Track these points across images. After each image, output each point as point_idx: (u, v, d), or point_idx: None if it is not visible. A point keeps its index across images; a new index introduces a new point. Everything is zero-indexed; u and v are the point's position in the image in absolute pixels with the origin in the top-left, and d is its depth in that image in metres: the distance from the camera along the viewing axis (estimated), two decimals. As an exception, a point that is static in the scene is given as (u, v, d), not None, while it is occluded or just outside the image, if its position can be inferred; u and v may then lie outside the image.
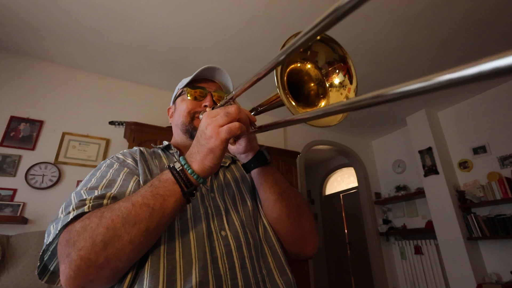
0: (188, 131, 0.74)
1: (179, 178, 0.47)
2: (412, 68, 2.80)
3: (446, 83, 0.18)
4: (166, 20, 2.16)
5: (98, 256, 0.42)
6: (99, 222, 0.44)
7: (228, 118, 0.47)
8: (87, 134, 2.58)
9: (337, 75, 0.51)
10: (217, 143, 0.47)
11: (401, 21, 2.20)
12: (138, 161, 0.65)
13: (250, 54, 2.56)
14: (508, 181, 2.86)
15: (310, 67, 0.52)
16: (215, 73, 0.79)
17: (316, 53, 0.51)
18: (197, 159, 0.48)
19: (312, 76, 0.53)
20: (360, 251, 4.43)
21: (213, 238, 0.56)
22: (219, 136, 0.46)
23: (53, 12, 2.08)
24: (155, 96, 3.04)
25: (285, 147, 3.54)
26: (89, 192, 0.53)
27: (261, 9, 2.07)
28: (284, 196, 0.63)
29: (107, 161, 0.64)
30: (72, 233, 0.44)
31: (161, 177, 0.49)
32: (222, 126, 0.47)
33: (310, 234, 0.66)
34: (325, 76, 0.52)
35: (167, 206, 0.46)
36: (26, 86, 2.49)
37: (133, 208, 0.45)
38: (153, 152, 0.73)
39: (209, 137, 0.47)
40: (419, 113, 3.64)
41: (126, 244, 0.43)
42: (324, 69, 0.52)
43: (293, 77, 0.51)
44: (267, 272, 0.58)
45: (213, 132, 0.47)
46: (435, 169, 3.33)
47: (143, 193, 0.47)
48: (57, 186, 2.32)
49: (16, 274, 1.80)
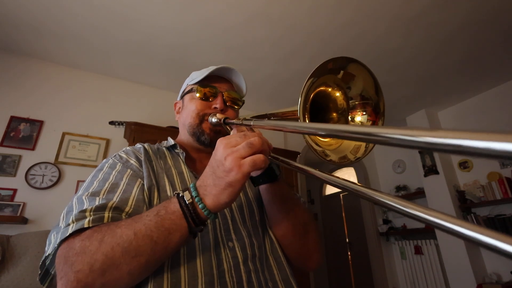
0: (196, 134, 0.71)
1: (188, 213, 0.43)
2: (412, 68, 2.80)
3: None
4: (166, 20, 2.16)
5: (95, 281, 0.41)
6: (98, 246, 0.42)
7: (251, 150, 0.42)
8: (87, 134, 2.58)
9: (362, 114, 0.47)
10: (238, 177, 0.41)
11: (401, 21, 2.20)
12: (142, 162, 0.62)
13: (250, 54, 2.56)
14: (508, 181, 2.86)
15: (339, 95, 0.49)
16: (228, 72, 0.76)
17: (353, 76, 0.47)
18: (212, 193, 0.43)
19: (337, 105, 0.49)
20: (360, 251, 4.43)
21: (220, 250, 0.54)
22: (241, 169, 0.41)
23: (53, 12, 2.08)
24: (155, 96, 3.04)
25: (285, 147, 3.54)
26: (90, 199, 0.51)
27: (261, 9, 2.07)
28: (291, 214, 0.62)
29: (109, 161, 0.62)
30: (71, 252, 0.43)
31: (168, 207, 0.45)
32: (244, 158, 0.42)
33: (314, 251, 0.65)
34: (351, 108, 0.48)
35: (171, 240, 0.43)
36: (26, 86, 2.49)
37: (135, 239, 0.42)
38: (157, 150, 0.69)
39: (229, 169, 0.41)
40: (419, 113, 3.64)
41: (125, 274, 0.42)
42: (354, 100, 0.48)
43: (318, 99, 0.48)
44: (273, 285, 0.57)
45: (234, 165, 0.41)
46: (435, 169, 3.33)
47: (147, 222, 0.44)
48: (57, 186, 2.32)
49: (16, 274, 1.80)
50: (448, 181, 3.24)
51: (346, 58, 0.45)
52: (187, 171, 0.66)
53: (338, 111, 0.49)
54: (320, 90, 0.48)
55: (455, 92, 3.28)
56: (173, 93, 3.13)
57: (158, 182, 0.60)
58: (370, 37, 2.37)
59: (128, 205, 0.52)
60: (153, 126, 2.52)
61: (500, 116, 3.09)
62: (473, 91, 3.27)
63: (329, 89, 0.48)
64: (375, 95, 0.46)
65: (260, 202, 0.70)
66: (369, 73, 0.46)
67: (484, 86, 3.17)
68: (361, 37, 2.37)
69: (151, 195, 0.57)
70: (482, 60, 2.70)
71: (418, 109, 3.62)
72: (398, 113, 3.74)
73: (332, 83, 0.48)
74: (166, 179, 0.61)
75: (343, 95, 0.48)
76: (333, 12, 2.11)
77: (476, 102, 3.34)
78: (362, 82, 0.46)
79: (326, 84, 0.48)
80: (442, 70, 2.85)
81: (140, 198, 0.54)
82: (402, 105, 3.51)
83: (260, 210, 0.68)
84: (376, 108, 0.46)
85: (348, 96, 0.48)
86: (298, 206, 0.64)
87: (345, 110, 0.48)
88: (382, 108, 0.46)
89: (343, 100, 0.48)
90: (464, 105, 3.45)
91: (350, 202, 4.98)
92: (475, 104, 3.35)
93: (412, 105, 3.54)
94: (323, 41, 2.39)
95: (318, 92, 0.47)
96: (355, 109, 0.48)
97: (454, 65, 2.76)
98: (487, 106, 3.23)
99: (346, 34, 2.31)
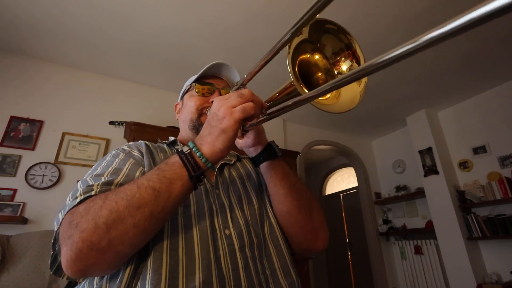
0: (195, 127, 0.74)
1: (187, 161, 0.46)
2: (412, 68, 2.80)
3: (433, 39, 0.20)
4: (166, 20, 2.16)
5: (101, 239, 0.41)
6: (102, 204, 0.43)
7: (242, 99, 0.47)
8: (87, 134, 2.58)
9: (344, 62, 0.51)
10: (230, 123, 0.45)
11: (401, 21, 2.20)
12: (144, 154, 0.64)
13: (250, 54, 2.56)
14: (508, 181, 2.86)
15: (318, 58, 0.52)
16: (222, 69, 0.79)
17: (324, 46, 0.51)
18: (207, 141, 0.47)
19: (320, 66, 0.52)
20: (360, 251, 4.43)
21: (217, 236, 0.55)
22: (232, 115, 0.45)
23: (53, 12, 2.08)
24: (155, 96, 3.04)
25: (285, 147, 3.54)
26: (95, 179, 0.52)
27: (261, 9, 2.07)
28: (294, 189, 0.62)
29: (112, 152, 0.64)
30: (75, 215, 0.43)
31: (168, 161, 0.48)
32: (235, 107, 0.46)
33: (321, 228, 0.66)
34: (333, 65, 0.52)
35: (173, 189, 0.45)
36: (26, 86, 2.49)
37: (138, 191, 0.43)
38: (158, 146, 0.72)
39: (221, 117, 0.46)
40: (419, 113, 3.64)
41: (130, 227, 0.42)
42: (331, 59, 0.52)
43: (302, 68, 0.51)
44: (271, 273, 0.57)
45: (226, 112, 0.45)
46: (435, 169, 3.34)
47: (149, 176, 0.46)
48: (57, 186, 2.32)
49: (16, 274, 1.80)
50: (448, 181, 3.24)
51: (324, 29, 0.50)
52: None
53: (323, 71, 0.53)
54: (302, 58, 0.51)
55: (455, 92, 3.28)
56: (173, 93, 3.13)
57: None
58: (370, 37, 2.37)
59: None
60: (153, 126, 2.52)
61: (500, 116, 3.09)
62: (473, 91, 3.27)
63: (307, 55, 0.52)
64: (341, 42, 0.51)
65: (259, 192, 0.71)
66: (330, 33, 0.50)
67: (484, 86, 3.17)
68: (361, 37, 2.37)
69: None
70: (482, 60, 2.71)
71: (418, 109, 3.62)
72: (398, 113, 3.74)
73: (309, 49, 0.52)
74: None
75: (322, 55, 0.52)
76: (333, 12, 2.11)
77: (476, 102, 3.34)
78: (331, 45, 0.51)
79: (305, 51, 0.52)
80: (442, 70, 2.85)
81: None
82: (402, 105, 3.51)
83: (259, 199, 0.69)
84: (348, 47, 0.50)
85: (327, 56, 0.52)
86: (301, 182, 0.65)
87: (328, 68, 0.52)
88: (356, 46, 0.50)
89: (324, 59, 0.52)
90: (464, 105, 3.45)
91: (350, 202, 4.98)
92: (475, 104, 3.35)
93: (412, 105, 3.54)
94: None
95: (301, 60, 0.51)
96: (336, 65, 0.52)
97: (454, 65, 2.76)
98: (487, 106, 3.23)
99: (346, 34, 2.31)
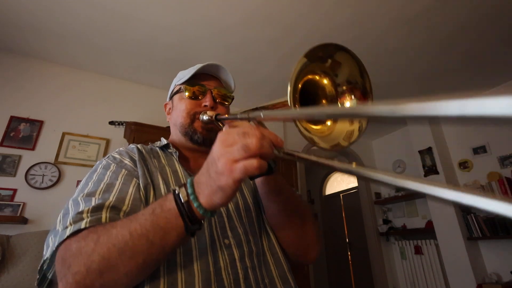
0: (188, 134, 0.70)
1: (184, 212, 0.41)
2: (412, 68, 2.80)
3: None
4: (166, 19, 2.16)
5: (94, 282, 0.40)
6: (94, 247, 0.41)
7: (246, 153, 0.38)
8: (87, 134, 2.58)
9: (351, 99, 0.47)
10: (228, 183, 0.38)
11: (401, 21, 2.20)
12: (137, 161, 0.61)
13: (249, 53, 2.56)
14: (508, 181, 2.86)
15: (327, 83, 0.49)
16: (215, 69, 0.75)
17: (340, 64, 0.47)
18: (205, 193, 0.41)
19: (326, 93, 0.49)
20: (360, 251, 4.43)
21: (216, 247, 0.54)
22: (231, 175, 0.37)
23: (53, 12, 2.08)
24: (155, 96, 3.04)
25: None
26: (86, 199, 0.50)
27: (260, 8, 2.07)
28: (288, 205, 0.61)
29: (103, 162, 0.61)
30: (68, 253, 0.43)
31: (163, 204, 0.43)
32: (237, 162, 0.38)
33: (313, 242, 0.65)
34: (339, 94, 0.48)
35: (167, 240, 0.42)
36: (26, 86, 2.49)
37: (131, 239, 0.41)
38: (150, 150, 0.69)
39: (220, 172, 0.38)
40: (419, 113, 3.64)
41: (122, 275, 0.41)
42: (342, 86, 0.48)
43: (307, 88, 0.48)
44: (269, 281, 0.57)
45: (225, 168, 0.38)
46: (435, 169, 3.33)
47: (143, 221, 0.42)
48: (57, 186, 2.32)
49: (16, 274, 1.80)
50: (448, 181, 3.23)
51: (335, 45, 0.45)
52: (181, 169, 0.66)
53: (327, 98, 0.49)
54: (308, 79, 0.48)
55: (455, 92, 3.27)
56: (173, 93, 3.13)
57: (153, 180, 0.59)
58: (370, 37, 2.37)
59: (125, 204, 0.51)
60: (153, 126, 2.52)
61: (500, 116, 3.09)
62: (473, 91, 3.26)
63: (316, 77, 0.48)
64: (360, 77, 0.46)
65: (256, 199, 0.70)
66: (353, 57, 0.46)
67: (484, 86, 3.17)
68: (361, 37, 2.37)
69: (147, 194, 0.56)
70: (482, 60, 2.70)
71: (418, 109, 3.61)
72: (398, 113, 3.73)
73: (319, 71, 0.48)
74: (160, 177, 0.61)
75: (331, 82, 0.48)
76: (333, 12, 2.11)
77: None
78: (348, 68, 0.47)
79: (314, 72, 0.48)
80: (442, 70, 2.85)
81: (136, 197, 0.54)
82: (402, 105, 3.51)
83: (256, 207, 0.68)
84: (364, 90, 0.46)
85: (336, 83, 0.48)
86: (295, 196, 0.63)
87: (334, 97, 0.48)
88: (369, 87, 0.46)
89: (332, 87, 0.49)
90: (464, 105, 3.45)
91: (350, 202, 4.98)
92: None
93: (412, 105, 3.53)
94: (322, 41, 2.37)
95: (307, 81, 0.47)
96: (343, 94, 0.48)
97: (454, 65, 2.76)
98: (487, 106, 3.23)
99: (346, 34, 2.31)
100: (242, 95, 3.15)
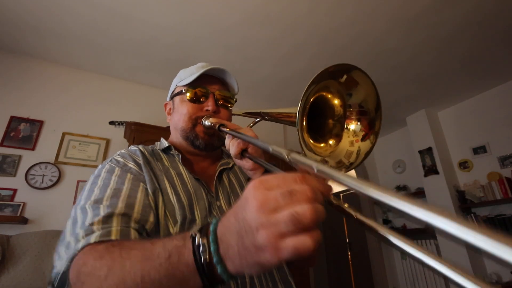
0: (189, 139, 0.69)
1: (203, 273, 0.34)
2: (412, 68, 2.80)
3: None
4: (166, 19, 2.16)
5: None
6: (106, 275, 0.39)
7: (296, 227, 0.27)
8: (87, 134, 2.58)
9: (357, 123, 0.47)
10: (272, 262, 0.28)
11: (401, 21, 2.20)
12: (142, 165, 0.60)
13: (249, 53, 2.56)
14: (508, 181, 2.86)
15: (337, 103, 0.48)
16: (217, 71, 0.72)
17: (356, 84, 0.45)
18: (234, 262, 0.32)
19: (335, 112, 0.49)
20: (360, 251, 4.43)
21: None
22: (277, 254, 0.27)
23: (53, 12, 2.08)
24: (155, 96, 3.04)
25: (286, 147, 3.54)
26: (94, 207, 0.48)
27: (260, 8, 2.07)
28: None
29: (106, 166, 0.59)
30: (83, 269, 0.42)
31: (181, 254, 0.35)
32: (285, 238, 0.27)
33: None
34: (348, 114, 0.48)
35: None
36: (26, 86, 2.49)
37: (142, 283, 0.36)
38: (152, 152, 0.68)
39: (261, 247, 0.28)
40: (419, 113, 3.64)
41: None
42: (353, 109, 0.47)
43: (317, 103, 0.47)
44: (272, 285, 0.58)
45: (270, 245, 0.27)
46: (435, 169, 3.33)
47: (157, 266, 0.36)
48: (57, 186, 2.32)
49: (16, 274, 1.80)
50: (448, 181, 3.24)
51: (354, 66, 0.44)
52: (185, 172, 0.65)
53: (334, 117, 0.50)
54: (320, 95, 0.47)
55: (455, 92, 3.28)
56: (173, 93, 3.13)
57: (160, 185, 0.59)
58: (370, 37, 2.37)
59: (135, 210, 0.50)
60: (153, 126, 2.52)
61: (500, 116, 3.09)
62: (473, 91, 3.27)
63: (329, 95, 0.48)
64: (374, 111, 0.46)
65: None
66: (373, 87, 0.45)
67: (484, 86, 3.17)
68: (361, 37, 2.37)
69: (157, 200, 0.56)
70: (482, 60, 2.70)
71: (418, 109, 3.62)
72: (398, 113, 3.73)
73: (333, 90, 0.47)
74: (167, 181, 0.60)
75: (342, 102, 0.48)
76: (333, 12, 2.11)
77: (476, 102, 3.34)
78: (364, 93, 0.46)
79: (328, 89, 0.47)
80: (442, 70, 2.85)
81: (146, 203, 0.53)
82: (402, 105, 3.51)
83: None
84: (371, 124, 0.46)
85: (347, 104, 0.48)
86: None
87: (341, 117, 0.49)
88: (378, 127, 0.46)
89: (341, 107, 0.49)
90: (464, 105, 3.45)
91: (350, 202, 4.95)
92: (475, 104, 3.35)
93: (412, 105, 3.54)
94: (322, 41, 2.39)
95: (318, 97, 0.47)
96: (350, 117, 0.48)
97: (454, 65, 2.76)
98: (487, 106, 3.23)
99: (346, 33, 2.31)
100: (242, 95, 3.15)
